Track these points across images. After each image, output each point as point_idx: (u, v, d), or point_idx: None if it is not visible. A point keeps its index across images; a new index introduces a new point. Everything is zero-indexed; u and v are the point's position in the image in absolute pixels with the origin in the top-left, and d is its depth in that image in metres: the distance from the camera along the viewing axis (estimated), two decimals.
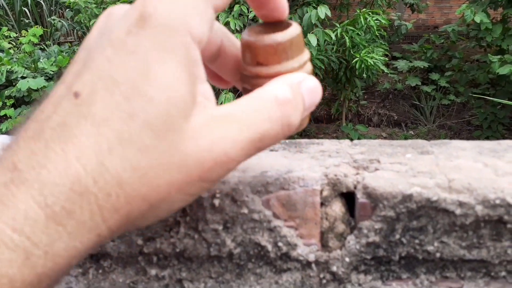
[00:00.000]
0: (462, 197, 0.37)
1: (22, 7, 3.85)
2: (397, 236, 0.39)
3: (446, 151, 0.45)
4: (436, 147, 0.47)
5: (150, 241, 0.41)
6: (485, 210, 0.37)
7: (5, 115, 2.59)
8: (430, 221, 0.38)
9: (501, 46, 3.40)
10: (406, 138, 3.64)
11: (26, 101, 2.84)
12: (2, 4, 3.82)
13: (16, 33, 3.33)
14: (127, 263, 0.43)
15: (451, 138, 3.93)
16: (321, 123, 4.01)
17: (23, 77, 2.74)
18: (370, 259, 0.40)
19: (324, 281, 0.41)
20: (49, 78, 3.10)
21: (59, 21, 3.82)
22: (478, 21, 3.29)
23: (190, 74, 0.28)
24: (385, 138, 3.72)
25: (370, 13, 3.11)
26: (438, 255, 0.39)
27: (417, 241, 0.39)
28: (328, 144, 0.49)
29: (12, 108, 2.68)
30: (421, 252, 0.39)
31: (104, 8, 3.54)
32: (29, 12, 3.93)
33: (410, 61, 4.12)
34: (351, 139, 0.51)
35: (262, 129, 0.30)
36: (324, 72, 3.44)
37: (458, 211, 0.37)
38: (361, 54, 3.05)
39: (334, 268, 0.41)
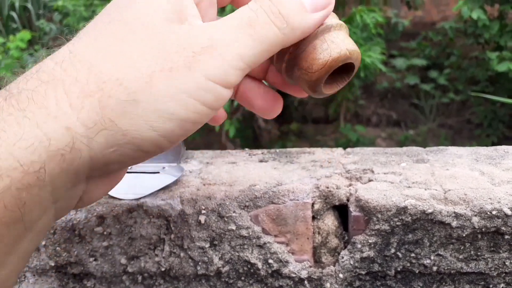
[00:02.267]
0: (459, 209, 0.35)
1: (10, 12, 3.82)
2: (393, 250, 0.37)
3: (442, 159, 0.44)
4: (432, 155, 0.45)
5: (133, 260, 0.40)
6: (482, 221, 0.35)
7: None
8: (426, 233, 0.36)
9: (499, 42, 3.39)
10: (406, 138, 3.63)
11: None
12: None
13: (4, 39, 3.31)
14: (111, 283, 0.41)
15: (452, 137, 3.92)
16: (319, 124, 3.99)
17: None
18: (365, 274, 0.39)
19: None
20: None
21: (48, 25, 3.80)
22: (475, 17, 3.28)
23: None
24: (384, 138, 3.71)
25: (366, 10, 3.09)
26: (435, 268, 0.37)
27: (413, 254, 0.37)
28: (320, 153, 0.47)
29: None
30: (418, 266, 0.38)
31: (93, 11, 3.53)
32: (17, 16, 3.91)
33: (408, 59, 4.10)
34: (345, 147, 0.49)
35: (245, 15, 0.28)
36: None
37: (454, 223, 0.35)
38: None
39: (327, 285, 0.39)
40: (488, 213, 0.35)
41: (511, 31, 3.28)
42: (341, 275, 0.38)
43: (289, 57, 0.30)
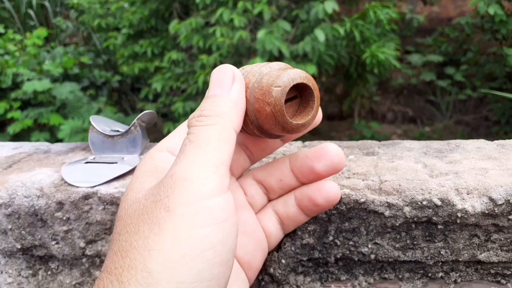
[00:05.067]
0: (391, 199, 0.37)
1: (27, 10, 3.92)
2: (331, 238, 0.39)
3: (392, 152, 0.45)
4: (384, 148, 0.46)
5: (91, 243, 0.42)
6: (413, 211, 0.36)
7: (12, 117, 2.66)
8: (362, 222, 0.38)
9: None
10: (421, 135, 3.58)
11: (33, 103, 2.90)
12: (8, 7, 3.90)
13: (22, 36, 3.40)
14: (72, 265, 0.44)
15: (468, 134, 3.85)
16: (333, 120, 3.98)
17: (28, 80, 2.80)
18: (307, 261, 0.40)
19: (263, 282, 0.42)
20: (54, 80, 3.17)
21: (64, 22, 3.88)
22: (492, 13, 3.21)
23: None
24: (399, 135, 3.67)
25: (380, 6, 3.06)
26: (373, 256, 0.39)
27: (351, 242, 0.39)
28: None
29: (19, 111, 2.74)
30: (356, 254, 0.39)
31: (108, 9, 3.59)
32: (35, 14, 4.00)
33: (424, 55, 4.05)
34: (362, 137, 0.51)
35: (187, 141, 0.30)
36: (335, 68, 3.41)
37: (387, 213, 0.37)
38: (372, 49, 3.00)
39: (271, 270, 0.41)
40: (419, 203, 0.36)
41: None
42: (283, 261, 0.40)
43: (253, 126, 0.33)
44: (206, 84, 3.00)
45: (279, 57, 2.89)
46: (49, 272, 0.45)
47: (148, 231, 0.26)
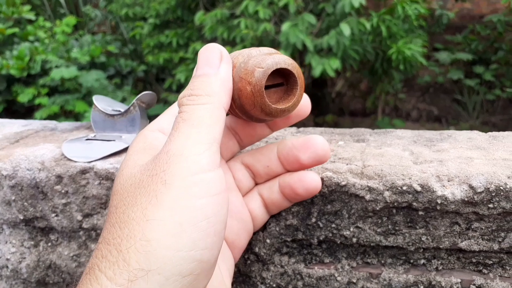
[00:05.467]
0: (372, 183, 0.37)
1: None
2: (314, 220, 0.40)
3: (382, 140, 0.45)
4: (375, 136, 0.47)
5: (88, 217, 0.45)
6: (393, 196, 0.37)
7: (40, 103, 2.74)
8: (344, 206, 0.39)
9: None
10: None
11: (60, 90, 2.98)
12: None
13: (52, 23, 3.48)
14: (71, 237, 0.46)
15: None
16: (357, 116, 3.94)
17: (57, 67, 2.88)
18: (291, 241, 0.41)
19: (248, 261, 0.43)
20: (81, 68, 3.24)
21: (93, 11, 3.95)
22: None
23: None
24: None
25: (408, 1, 3.01)
26: (355, 240, 0.40)
27: (333, 225, 0.40)
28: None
29: (47, 97, 2.82)
30: (339, 237, 0.40)
31: None
32: (65, 2, 4.08)
33: (453, 53, 3.96)
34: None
35: (180, 118, 0.31)
36: (360, 63, 3.37)
37: (368, 197, 0.37)
38: (398, 45, 2.96)
39: (256, 249, 0.42)
40: (399, 188, 0.37)
41: None
42: (268, 241, 0.41)
43: (235, 105, 0.34)
44: None
45: (303, 50, 2.88)
46: (49, 244, 0.47)
47: (146, 203, 0.28)
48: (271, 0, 2.75)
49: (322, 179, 0.38)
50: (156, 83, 4.40)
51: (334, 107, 3.98)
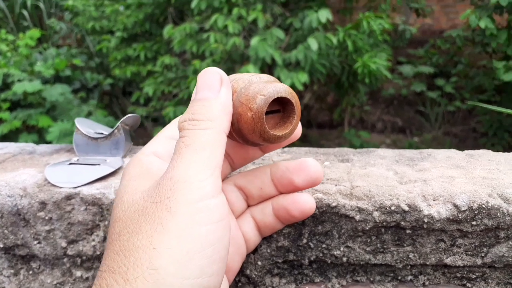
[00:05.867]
0: (361, 204, 0.38)
1: (21, 10, 3.90)
2: (305, 241, 0.40)
3: (365, 159, 0.46)
4: (358, 155, 0.48)
5: (73, 243, 0.43)
6: (382, 216, 0.38)
7: (1, 118, 2.65)
8: (334, 226, 0.39)
9: (506, 52, 3.37)
10: (410, 145, 3.62)
11: (22, 104, 2.89)
12: (1, 7, 3.88)
13: (15, 36, 3.39)
14: (54, 265, 0.45)
15: (456, 145, 3.89)
16: (324, 129, 4.01)
17: (19, 81, 2.80)
18: (282, 263, 0.42)
19: (240, 284, 0.43)
20: (45, 82, 3.16)
21: (58, 24, 3.88)
22: (483, 26, 3.26)
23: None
24: (388, 144, 3.71)
25: (373, 17, 3.10)
26: (345, 259, 0.40)
27: (324, 245, 0.40)
28: None
29: (8, 112, 2.73)
30: (329, 256, 0.41)
31: (103, 12, 3.60)
32: (29, 15, 3.99)
33: (416, 66, 4.10)
34: (352, 146, 0.52)
35: (181, 144, 0.31)
36: (327, 77, 3.44)
37: (358, 217, 0.38)
38: (364, 59, 3.04)
39: (247, 272, 0.42)
40: (387, 208, 0.38)
41: None
42: (259, 263, 0.42)
43: (233, 129, 0.34)
44: None
45: (272, 65, 2.91)
46: (30, 272, 0.46)
47: (151, 230, 0.28)
48: (240, 15, 2.77)
49: None
50: (123, 97, 4.34)
51: (302, 119, 4.03)
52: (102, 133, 0.49)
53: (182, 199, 0.28)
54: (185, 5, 3.42)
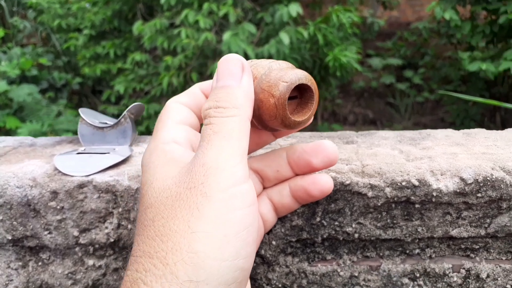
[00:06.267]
0: (373, 181, 0.40)
1: None
2: (318, 219, 0.42)
3: (369, 141, 0.48)
4: (362, 137, 0.49)
5: (85, 232, 0.43)
6: (393, 191, 0.39)
7: None
8: (347, 204, 0.41)
9: (470, 43, 3.48)
10: None
11: None
12: None
13: None
14: (65, 255, 0.45)
15: None
16: None
17: None
18: (296, 242, 0.43)
19: (254, 264, 0.44)
20: (11, 82, 3.07)
21: (21, 22, 3.77)
22: (447, 18, 3.35)
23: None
24: None
25: (342, 10, 3.14)
26: (356, 235, 0.42)
27: (336, 223, 0.42)
28: None
29: None
30: (341, 234, 0.42)
31: (68, 9, 3.51)
32: None
33: (384, 59, 4.18)
34: None
35: (208, 131, 0.31)
36: None
37: (370, 194, 0.40)
38: (334, 52, 3.08)
39: (262, 251, 0.43)
40: (398, 184, 0.39)
41: (482, 31, 3.37)
42: (274, 242, 0.43)
43: (253, 115, 0.34)
44: (170, 86, 2.99)
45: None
46: (39, 263, 0.45)
47: (188, 215, 0.28)
48: (211, 10, 2.76)
49: None
50: (93, 96, 4.25)
51: None
52: (106, 123, 0.48)
53: (215, 185, 0.29)
54: (154, 0, 3.37)
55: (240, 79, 0.33)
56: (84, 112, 0.48)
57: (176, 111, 0.37)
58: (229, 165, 0.30)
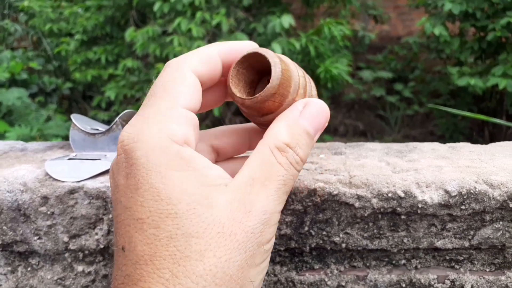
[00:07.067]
0: (360, 191, 0.40)
1: None
2: (306, 228, 0.42)
3: (357, 152, 0.49)
4: (350, 149, 0.50)
5: (75, 238, 0.44)
6: (380, 202, 0.40)
7: None
8: (334, 213, 0.42)
9: (459, 58, 3.53)
10: None
11: None
12: None
13: None
14: (54, 260, 0.45)
15: None
16: None
17: None
18: (284, 251, 0.44)
19: None
20: (0, 85, 3.05)
21: (12, 26, 3.75)
22: (437, 33, 3.40)
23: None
24: None
25: (334, 23, 3.18)
26: (344, 245, 0.43)
27: (324, 232, 0.42)
28: None
29: None
30: (329, 243, 0.43)
31: (60, 13, 3.50)
32: None
33: (375, 72, 4.23)
34: None
35: (280, 178, 0.31)
36: None
37: (357, 204, 0.41)
38: (326, 64, 3.10)
39: None
40: (385, 195, 0.40)
41: (470, 47, 3.43)
42: None
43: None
44: None
45: None
46: (29, 268, 0.45)
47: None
48: (203, 19, 2.78)
49: (315, 189, 0.41)
50: (83, 101, 4.23)
51: None
52: (97, 129, 0.49)
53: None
54: (147, 8, 3.38)
55: (317, 135, 0.34)
56: (76, 118, 0.49)
57: (189, 90, 0.32)
58: (276, 212, 0.31)
